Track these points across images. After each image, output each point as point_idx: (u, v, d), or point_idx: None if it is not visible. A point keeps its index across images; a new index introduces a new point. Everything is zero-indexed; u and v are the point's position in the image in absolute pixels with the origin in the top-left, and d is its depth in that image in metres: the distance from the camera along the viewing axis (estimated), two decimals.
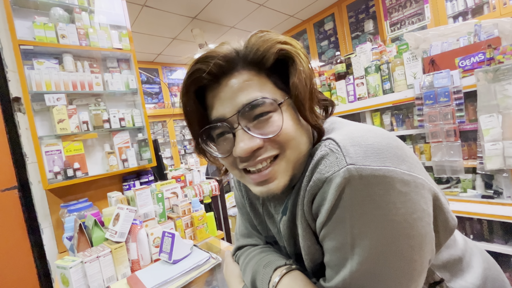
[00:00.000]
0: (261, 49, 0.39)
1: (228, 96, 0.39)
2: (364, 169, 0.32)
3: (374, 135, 0.35)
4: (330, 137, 0.38)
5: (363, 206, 0.32)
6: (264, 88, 0.39)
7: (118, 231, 0.95)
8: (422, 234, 0.33)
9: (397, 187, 0.32)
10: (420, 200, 0.33)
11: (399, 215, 0.31)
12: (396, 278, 0.33)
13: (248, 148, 0.38)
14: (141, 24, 3.12)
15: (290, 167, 0.40)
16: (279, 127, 0.38)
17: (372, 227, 0.32)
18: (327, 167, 0.35)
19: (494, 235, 1.45)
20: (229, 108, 0.39)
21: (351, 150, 0.33)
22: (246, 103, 0.38)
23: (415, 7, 2.67)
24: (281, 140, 0.39)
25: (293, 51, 0.39)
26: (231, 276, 0.58)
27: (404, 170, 0.33)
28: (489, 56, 1.35)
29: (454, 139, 1.48)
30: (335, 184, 0.33)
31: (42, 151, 1.31)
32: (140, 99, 1.64)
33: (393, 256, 0.32)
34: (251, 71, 0.40)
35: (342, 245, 0.34)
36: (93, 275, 0.87)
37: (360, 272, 0.33)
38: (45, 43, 1.32)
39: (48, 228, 1.39)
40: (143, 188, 1.13)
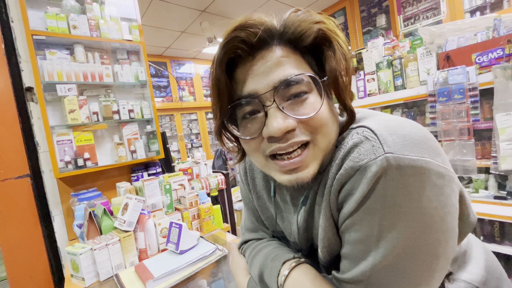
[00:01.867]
0: (300, 27, 0.36)
1: (263, 71, 0.36)
2: (403, 158, 0.30)
3: (410, 126, 0.34)
4: (362, 124, 0.36)
5: (397, 197, 0.31)
6: (300, 67, 0.37)
7: (127, 220, 0.97)
8: (450, 229, 0.32)
9: (432, 179, 0.31)
10: (452, 194, 0.32)
11: (432, 209, 0.31)
12: (417, 273, 0.32)
13: (283, 127, 0.35)
14: (151, 17, 3.12)
15: (320, 155, 0.38)
16: (315, 109, 0.36)
17: (402, 220, 0.31)
18: (361, 155, 0.33)
19: (506, 237, 1.42)
20: (262, 84, 0.36)
21: (389, 138, 0.32)
22: (283, 79, 0.35)
23: (430, 1, 2.58)
24: (315, 124, 0.36)
25: (332, 32, 0.37)
26: (237, 269, 0.58)
27: (440, 163, 0.32)
28: (508, 52, 1.29)
29: (468, 137, 1.44)
30: (371, 173, 0.31)
31: (54, 141, 1.33)
32: (149, 91, 1.65)
33: (418, 251, 0.31)
34: (288, 48, 0.37)
35: (367, 237, 0.33)
36: (102, 262, 0.89)
37: (382, 265, 0.32)
38: (57, 34, 1.34)
39: (59, 216, 1.43)
40: (152, 179, 1.14)
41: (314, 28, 0.36)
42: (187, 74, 4.69)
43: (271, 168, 0.40)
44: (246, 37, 0.35)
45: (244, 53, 0.37)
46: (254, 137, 0.39)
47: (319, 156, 0.38)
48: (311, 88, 0.37)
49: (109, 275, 0.91)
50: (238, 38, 0.35)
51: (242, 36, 0.35)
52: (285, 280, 0.42)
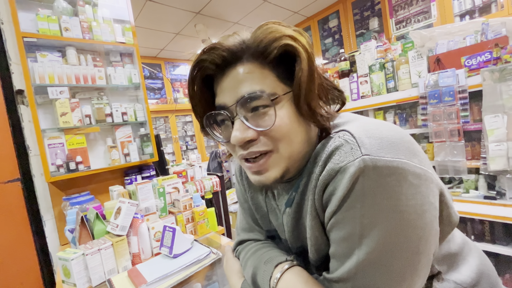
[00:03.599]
0: (264, 42, 0.38)
1: (230, 86, 0.40)
2: (379, 160, 0.32)
3: (388, 129, 0.36)
4: (344, 128, 0.39)
5: (375, 196, 0.32)
6: (265, 81, 0.39)
7: (120, 225, 0.96)
8: (429, 226, 0.34)
9: (409, 179, 0.32)
10: (429, 193, 0.34)
11: (409, 206, 0.32)
12: (401, 269, 0.33)
13: (241, 138, 0.39)
14: (145, 19, 3.11)
15: (282, 162, 0.41)
16: (271, 122, 0.38)
17: (382, 217, 0.32)
18: (341, 157, 0.35)
19: (496, 236, 1.45)
20: (230, 97, 0.40)
21: (366, 141, 0.34)
22: (243, 95, 0.39)
23: (421, 5, 2.63)
24: (274, 135, 0.39)
25: (297, 47, 0.38)
26: (231, 272, 0.58)
27: (416, 163, 0.34)
28: (496, 56, 1.33)
29: (458, 139, 1.47)
30: (349, 174, 0.33)
31: (45, 144, 1.31)
32: (142, 94, 1.64)
33: (400, 247, 0.32)
34: (255, 63, 0.40)
35: (350, 235, 0.34)
36: (94, 267, 0.88)
37: (366, 262, 0.33)
38: (48, 36, 1.32)
39: (50, 221, 1.41)
40: (145, 183, 1.13)
41: (277, 43, 0.38)
42: (181, 76, 4.68)
43: (244, 168, 0.45)
44: (211, 60, 0.40)
45: (214, 71, 0.42)
46: (227, 141, 0.43)
47: (281, 163, 0.41)
48: (271, 102, 0.39)
49: (102, 280, 0.90)
50: (206, 60, 0.40)
51: (208, 59, 0.40)
52: (277, 283, 0.42)
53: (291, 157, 0.41)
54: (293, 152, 0.41)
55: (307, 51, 0.38)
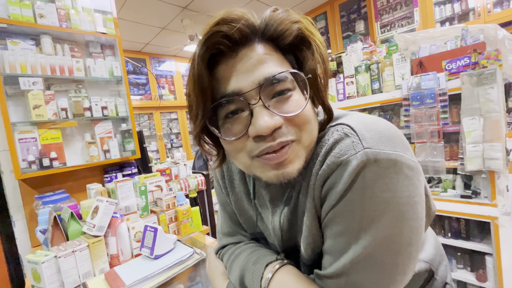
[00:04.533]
0: (281, 26, 0.36)
1: (246, 68, 0.35)
2: (380, 153, 0.33)
3: (384, 123, 0.37)
4: (341, 122, 0.38)
5: (375, 188, 0.32)
6: (283, 65, 0.37)
7: (97, 225, 0.90)
8: (420, 217, 0.35)
9: (404, 171, 0.33)
10: (420, 185, 0.35)
11: (404, 198, 0.33)
12: (394, 262, 0.33)
13: (271, 125, 0.34)
14: (129, 11, 2.99)
15: (304, 152, 0.38)
16: (300, 107, 0.36)
17: (380, 210, 0.32)
18: (342, 151, 0.34)
19: (471, 233, 1.51)
20: (247, 81, 0.35)
21: (366, 135, 0.34)
22: (268, 77, 0.34)
23: (405, 10, 2.71)
24: (300, 121, 0.36)
25: (310, 33, 0.37)
26: (214, 274, 0.56)
27: (410, 156, 0.35)
28: (474, 60, 1.39)
29: (438, 140, 1.52)
30: (352, 167, 0.33)
31: (15, 139, 1.22)
32: (125, 88, 1.57)
33: (394, 239, 0.33)
34: (270, 45, 0.37)
35: (347, 229, 0.34)
36: (67, 270, 0.82)
37: (361, 256, 0.33)
38: (20, 22, 1.23)
39: (20, 221, 1.31)
40: (125, 180, 1.08)
41: (293, 28, 0.36)
42: (167, 72, 4.56)
43: (257, 167, 0.39)
44: (229, 32, 0.34)
45: (226, 49, 0.36)
46: (239, 137, 0.37)
47: (303, 153, 0.38)
48: (295, 86, 0.37)
49: (76, 284, 0.85)
50: (221, 32, 0.34)
51: (225, 31, 0.34)
52: (269, 283, 0.41)
53: (310, 146, 0.38)
54: (312, 141, 0.39)
55: (319, 40, 0.38)
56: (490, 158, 1.33)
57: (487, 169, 1.34)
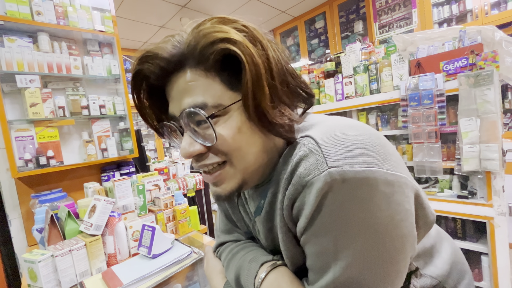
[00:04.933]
0: (198, 47, 0.33)
1: (176, 96, 0.36)
2: (347, 172, 0.30)
3: (356, 132, 0.33)
4: (309, 134, 0.35)
5: (346, 210, 0.30)
6: (209, 91, 0.34)
7: (94, 224, 0.90)
8: (405, 234, 0.32)
9: (380, 188, 0.30)
10: (404, 200, 0.32)
11: (384, 218, 0.30)
12: (379, 280, 0.32)
13: (188, 152, 0.36)
14: (128, 9, 2.97)
15: (238, 174, 0.38)
16: (213, 139, 0.35)
17: (355, 232, 0.31)
18: (307, 170, 0.32)
19: (467, 233, 1.53)
20: (176, 108, 0.37)
21: (332, 151, 0.31)
22: (183, 109, 0.35)
23: (403, 11, 2.73)
24: (222, 149, 0.36)
25: (237, 51, 0.32)
26: (212, 272, 0.56)
27: (388, 169, 0.31)
28: (471, 62, 1.39)
29: (435, 140, 1.53)
30: (316, 189, 0.31)
31: (12, 137, 1.21)
32: (123, 86, 1.56)
33: (377, 259, 0.31)
34: (198, 69, 0.35)
35: (324, 250, 0.33)
36: (64, 269, 0.82)
37: (343, 277, 0.32)
38: (17, 19, 1.22)
39: (17, 220, 1.30)
40: (123, 179, 1.07)
41: (211, 49, 0.33)
42: None
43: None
44: (149, 70, 0.36)
45: (156, 82, 0.37)
46: None
47: (237, 176, 0.38)
48: (223, 112, 0.35)
49: (73, 283, 0.84)
50: (143, 71, 0.37)
51: (145, 70, 0.36)
52: (261, 282, 0.41)
53: (247, 169, 0.38)
54: (249, 164, 0.37)
55: (252, 55, 0.32)
56: (486, 158, 1.34)
57: (484, 169, 1.35)
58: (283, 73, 0.35)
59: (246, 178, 0.39)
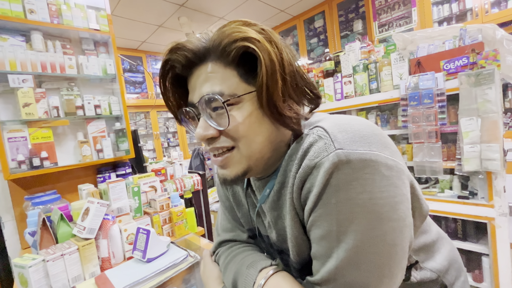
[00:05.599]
0: (222, 44, 0.38)
1: (196, 85, 0.41)
2: (352, 153, 0.33)
3: (359, 122, 0.37)
4: (318, 125, 0.39)
5: (350, 190, 0.32)
6: (226, 82, 0.39)
7: (87, 227, 0.88)
8: (402, 217, 0.34)
9: (381, 170, 0.33)
10: (401, 185, 0.35)
11: (383, 198, 0.32)
12: (379, 263, 0.33)
13: (202, 135, 0.40)
14: (125, 8, 2.94)
15: (243, 160, 0.41)
16: (226, 123, 0.39)
17: (357, 212, 0.32)
18: (316, 153, 0.35)
19: (467, 234, 1.51)
20: (195, 96, 0.41)
21: (339, 135, 0.35)
22: (203, 95, 0.39)
23: (403, 10, 2.71)
24: (233, 134, 0.40)
25: (256, 49, 0.36)
26: (209, 278, 0.56)
27: (388, 155, 0.34)
28: (472, 61, 1.38)
29: (435, 140, 1.51)
30: (324, 169, 0.33)
31: (4, 138, 1.19)
32: (119, 86, 1.54)
33: (377, 241, 0.33)
34: (218, 63, 0.39)
35: (328, 233, 0.34)
36: (56, 274, 0.80)
37: (345, 260, 0.33)
38: (9, 17, 1.19)
39: (10, 222, 1.28)
40: (118, 181, 1.05)
41: (234, 45, 0.37)
42: None
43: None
44: (177, 60, 0.41)
45: (181, 71, 0.42)
46: None
47: (243, 161, 0.41)
48: (237, 101, 0.39)
49: None
50: (171, 60, 0.41)
51: (173, 59, 0.41)
52: None
53: (252, 156, 0.41)
54: (254, 152, 0.41)
55: (268, 53, 0.36)
56: (487, 158, 1.33)
57: (484, 169, 1.33)
58: (294, 73, 0.39)
59: (251, 165, 0.42)
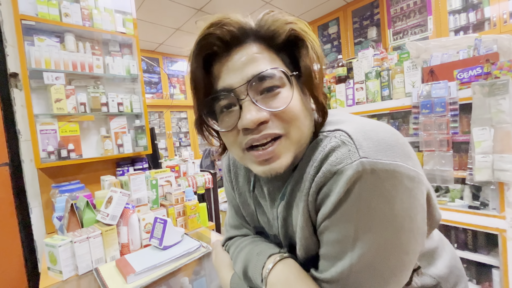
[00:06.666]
0: (273, 26, 0.39)
1: (237, 67, 0.38)
2: (377, 163, 0.32)
3: (384, 130, 0.36)
4: (340, 128, 0.37)
5: (372, 200, 0.32)
6: (273, 63, 0.39)
7: (110, 214, 0.95)
8: (419, 228, 0.35)
9: (404, 182, 0.33)
10: (420, 196, 0.35)
11: (403, 210, 0.33)
12: (392, 270, 0.34)
13: (256, 118, 0.37)
14: (145, 12, 3.09)
15: (292, 147, 0.40)
16: (286, 102, 0.37)
17: (377, 221, 0.32)
18: (338, 159, 0.34)
19: (478, 245, 1.49)
20: (237, 78, 0.38)
21: (364, 143, 0.34)
22: (255, 74, 0.37)
23: (418, 18, 2.70)
24: (287, 117, 0.38)
25: (304, 33, 0.39)
26: (221, 265, 0.58)
27: (410, 166, 0.34)
28: (486, 71, 1.38)
29: (447, 149, 1.51)
30: (347, 177, 0.32)
31: (37, 130, 1.29)
32: (140, 86, 1.63)
33: (392, 249, 0.33)
34: (263, 45, 0.40)
35: (344, 238, 0.34)
36: (82, 255, 0.87)
37: (360, 265, 0.33)
38: (47, 20, 1.30)
39: (37, 208, 1.38)
40: (138, 173, 1.12)
41: (286, 27, 0.38)
42: (179, 71, 4.65)
43: (247, 160, 0.42)
44: (221, 35, 0.37)
45: (219, 49, 0.39)
46: (231, 129, 0.40)
47: (292, 149, 0.39)
48: (284, 83, 0.39)
49: (89, 269, 0.89)
50: (214, 35, 0.38)
51: (217, 33, 0.37)
52: (269, 273, 0.43)
53: (300, 141, 0.40)
54: (302, 136, 0.40)
55: (313, 41, 0.39)
56: (500, 169, 1.32)
57: (497, 180, 1.32)
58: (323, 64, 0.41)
59: (297, 153, 0.41)
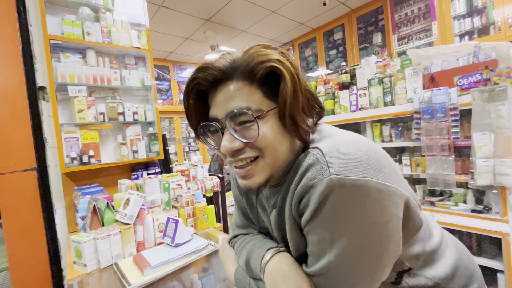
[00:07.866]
0: (251, 64, 0.43)
1: (221, 101, 0.45)
2: (345, 179, 0.38)
3: (357, 147, 0.41)
4: (317, 146, 0.43)
5: (342, 209, 0.38)
6: (252, 98, 0.44)
7: (128, 214, 1.05)
8: (390, 234, 0.40)
9: (372, 194, 0.38)
10: (392, 205, 0.40)
11: (372, 217, 0.39)
12: (364, 268, 0.40)
13: (229, 148, 0.44)
14: (157, 23, 3.25)
15: (267, 169, 0.46)
16: (255, 135, 0.43)
17: (348, 227, 0.39)
18: (313, 175, 0.41)
19: (482, 249, 1.50)
20: (221, 111, 0.45)
21: (334, 161, 0.39)
22: (231, 110, 0.43)
23: (423, 23, 2.73)
24: (259, 145, 0.44)
25: (281, 68, 0.42)
26: (227, 259, 0.66)
27: (379, 180, 0.39)
28: (485, 77, 1.41)
29: (448, 153, 1.54)
30: (319, 190, 0.39)
31: (62, 138, 1.42)
32: (153, 95, 1.76)
33: (364, 250, 0.39)
34: (244, 81, 0.44)
35: (323, 240, 0.41)
36: (103, 251, 0.97)
37: (335, 262, 0.40)
38: (72, 39, 1.44)
39: (61, 209, 1.50)
40: (152, 177, 1.23)
41: (262, 66, 0.43)
42: None
43: (234, 172, 0.50)
44: (204, 77, 0.45)
45: (207, 87, 0.47)
46: (218, 148, 0.48)
47: (266, 169, 0.46)
48: (264, 115, 0.44)
49: (109, 263, 0.99)
50: (199, 78, 0.46)
51: (201, 77, 0.45)
52: (266, 264, 0.50)
53: (275, 164, 0.46)
54: (278, 160, 0.46)
55: (291, 73, 0.42)
56: (501, 173, 1.34)
57: (498, 184, 1.35)
58: (306, 90, 0.46)
59: (273, 172, 0.47)
